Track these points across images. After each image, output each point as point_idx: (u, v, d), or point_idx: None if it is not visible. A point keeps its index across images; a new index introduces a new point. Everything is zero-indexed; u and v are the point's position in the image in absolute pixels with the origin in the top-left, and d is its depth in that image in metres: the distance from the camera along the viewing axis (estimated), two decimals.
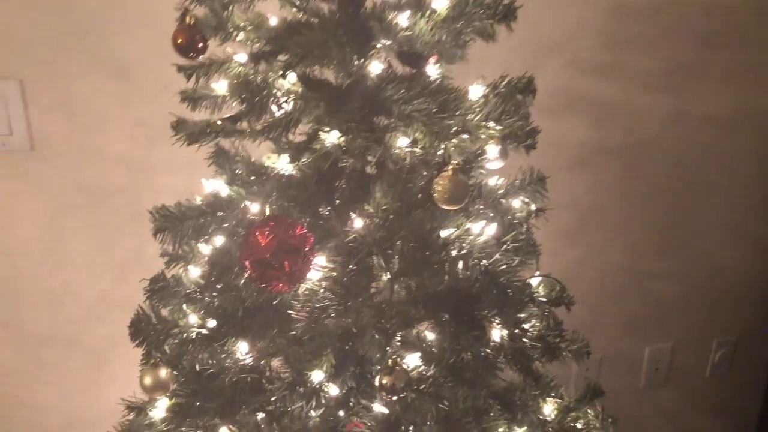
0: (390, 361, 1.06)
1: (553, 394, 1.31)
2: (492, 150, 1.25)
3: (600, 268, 2.36)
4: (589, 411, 1.44)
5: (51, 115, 1.71)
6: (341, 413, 1.14)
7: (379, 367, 1.09)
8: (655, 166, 2.28)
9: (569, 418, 1.33)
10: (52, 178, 1.77)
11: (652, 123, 2.22)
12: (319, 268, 1.07)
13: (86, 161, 1.78)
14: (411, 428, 1.14)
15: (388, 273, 1.04)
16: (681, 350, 2.59)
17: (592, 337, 1.42)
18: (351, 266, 1.04)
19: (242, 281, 1.08)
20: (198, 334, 1.14)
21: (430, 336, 1.23)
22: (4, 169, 1.73)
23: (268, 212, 1.01)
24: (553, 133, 2.09)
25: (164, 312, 1.19)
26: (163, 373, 1.17)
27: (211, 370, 1.19)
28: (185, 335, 1.13)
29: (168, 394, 1.29)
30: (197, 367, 1.23)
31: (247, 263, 1.01)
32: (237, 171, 1.28)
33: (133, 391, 1.33)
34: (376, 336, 1.06)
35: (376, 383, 1.07)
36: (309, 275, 1.06)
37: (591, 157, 2.20)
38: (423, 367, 1.13)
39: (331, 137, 1.01)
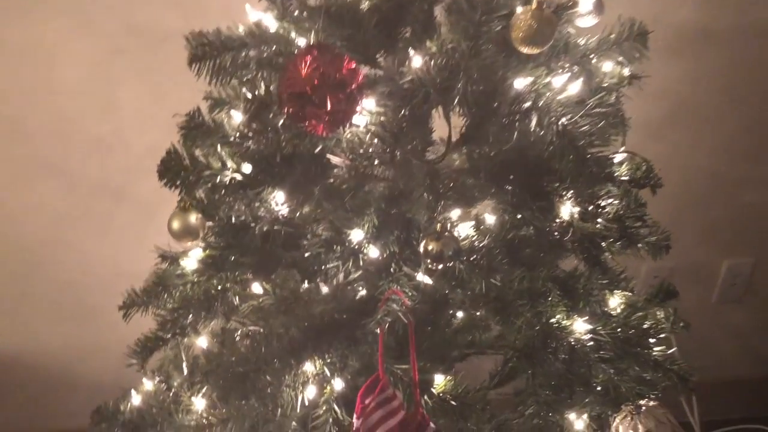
0: (438, 226, 0.93)
1: (622, 287, 1.17)
2: (585, 1, 1.06)
3: (684, 169, 2.13)
4: (659, 312, 1.30)
5: None
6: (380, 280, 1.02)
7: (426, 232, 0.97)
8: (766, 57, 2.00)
9: (636, 317, 1.18)
10: (104, 17, 1.66)
11: None
12: (367, 113, 0.92)
13: (140, 0, 1.66)
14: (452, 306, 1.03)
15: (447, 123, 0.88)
16: (763, 268, 2.38)
17: None
18: (404, 112, 0.89)
19: (280, 121, 0.95)
20: (232, 179, 1.03)
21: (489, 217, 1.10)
22: (53, 3, 1.63)
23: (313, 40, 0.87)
24: (650, 10, 1.83)
25: (198, 153, 1.08)
26: (193, 218, 1.08)
27: (251, 224, 1.09)
28: (218, 179, 1.02)
29: (202, 244, 1.22)
30: (233, 218, 1.14)
31: (284, 97, 0.88)
32: (290, 7, 1.13)
33: (168, 242, 1.27)
34: (425, 195, 0.92)
35: (421, 249, 0.94)
36: (355, 120, 0.92)
37: (692, 42, 1.93)
38: (476, 238, 1.00)
39: None
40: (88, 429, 1.29)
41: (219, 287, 1.10)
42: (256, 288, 1.14)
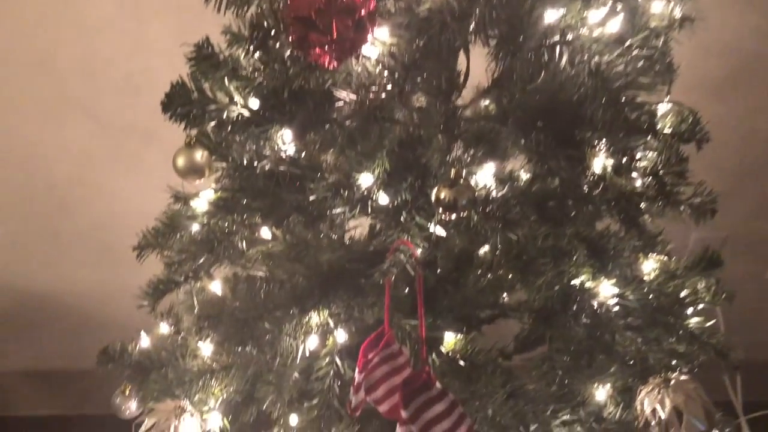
0: (453, 172, 0.85)
1: (658, 251, 1.07)
2: None
3: (744, 133, 1.98)
4: (700, 282, 1.19)
5: None
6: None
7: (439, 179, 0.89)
8: None
9: (672, 284, 1.09)
10: None
11: None
12: (379, 44, 0.84)
13: None
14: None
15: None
16: None
17: (719, 212, 1.14)
18: (417, 42, 0.81)
19: (287, 52, 0.88)
20: (239, 115, 0.97)
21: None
22: None
23: None
24: None
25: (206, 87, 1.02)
26: (199, 155, 1.02)
27: (266, 166, 1.02)
28: (224, 114, 0.97)
29: (213, 185, 1.17)
30: (245, 160, 1.08)
31: (288, 22, 0.80)
32: None
33: (182, 183, 1.23)
34: (440, 138, 0.84)
35: (433, 197, 0.87)
36: (366, 51, 0.84)
37: None
38: (494, 188, 0.91)
39: None
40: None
41: (226, 230, 1.04)
42: (266, 233, 1.09)
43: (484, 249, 1.20)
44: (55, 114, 1.82)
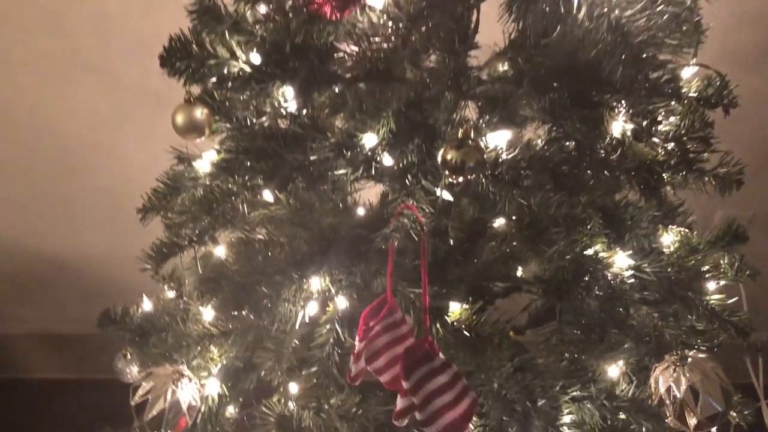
0: (460, 132, 0.81)
1: (678, 222, 1.02)
2: None
3: None
4: (723, 257, 1.14)
5: None
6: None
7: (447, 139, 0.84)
8: None
9: (692, 258, 1.03)
10: None
11: None
12: None
13: None
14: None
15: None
16: None
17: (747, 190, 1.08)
18: None
19: (289, 1, 0.84)
20: (240, 71, 0.92)
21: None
22: None
23: None
24: None
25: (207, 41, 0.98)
26: (199, 113, 0.99)
27: (266, 123, 0.98)
28: (225, 70, 0.92)
29: (216, 146, 1.13)
30: (248, 120, 1.04)
31: None
32: None
33: (186, 145, 1.20)
34: (448, 96, 0.79)
35: (439, 158, 0.82)
36: (369, 0, 0.79)
37: None
38: (505, 151, 0.86)
39: None
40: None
41: (226, 191, 1.01)
42: (268, 196, 1.05)
43: (498, 222, 1.15)
44: (65, 75, 1.79)
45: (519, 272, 1.21)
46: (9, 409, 2.06)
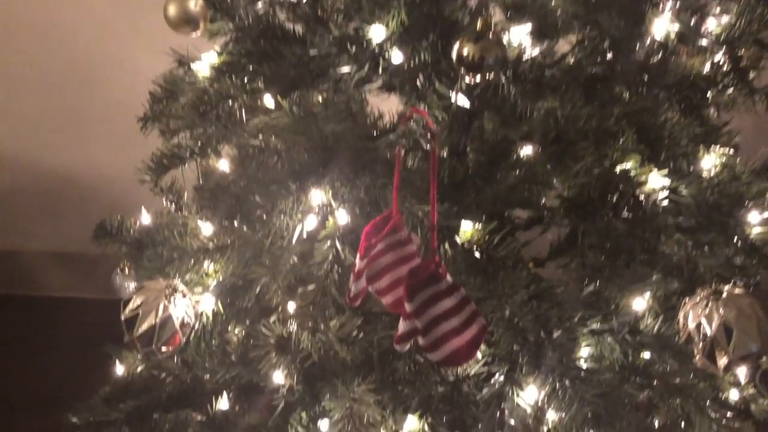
0: (479, 23, 0.70)
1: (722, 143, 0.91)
2: None
3: None
4: None
5: None
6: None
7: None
8: None
9: (735, 184, 0.93)
10: None
11: None
12: None
13: None
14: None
15: None
16: None
17: None
18: None
19: None
20: None
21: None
22: None
23: None
24: None
25: None
26: (193, 3, 0.90)
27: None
28: None
29: (217, 49, 1.05)
30: (248, 14, 0.95)
31: None
32: None
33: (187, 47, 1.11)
34: None
35: (454, 53, 0.72)
36: None
37: None
38: (528, 48, 0.76)
39: None
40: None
41: (222, 94, 0.93)
42: (269, 102, 0.97)
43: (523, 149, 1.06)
44: None
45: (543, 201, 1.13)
46: (19, 325, 2.06)
